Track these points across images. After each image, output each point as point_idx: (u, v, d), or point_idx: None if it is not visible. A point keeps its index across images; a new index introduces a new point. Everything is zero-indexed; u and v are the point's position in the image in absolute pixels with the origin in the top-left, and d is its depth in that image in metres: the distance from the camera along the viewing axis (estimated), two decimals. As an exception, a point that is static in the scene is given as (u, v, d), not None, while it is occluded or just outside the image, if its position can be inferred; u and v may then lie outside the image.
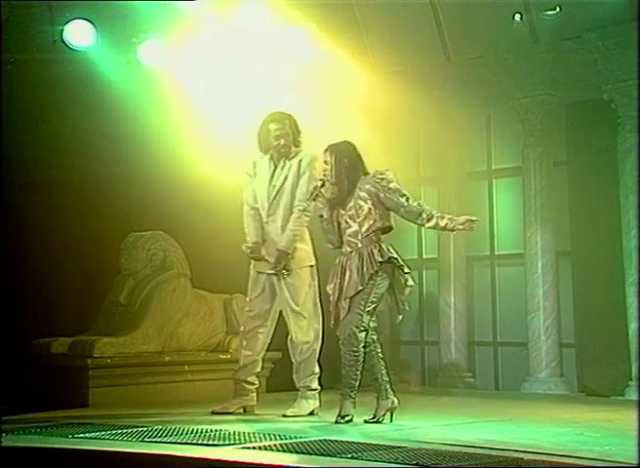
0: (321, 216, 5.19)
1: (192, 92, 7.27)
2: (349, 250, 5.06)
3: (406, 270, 5.07)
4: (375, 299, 5.00)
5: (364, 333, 4.97)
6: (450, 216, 5.08)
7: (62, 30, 6.80)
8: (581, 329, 7.43)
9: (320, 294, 5.66)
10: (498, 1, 7.21)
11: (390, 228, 5.13)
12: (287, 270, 5.54)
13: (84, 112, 6.93)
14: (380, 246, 5.03)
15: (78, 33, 6.86)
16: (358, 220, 5.05)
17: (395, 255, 5.05)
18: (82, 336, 6.76)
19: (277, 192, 5.62)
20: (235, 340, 7.32)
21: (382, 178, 5.08)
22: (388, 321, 8.46)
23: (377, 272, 4.97)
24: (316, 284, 5.64)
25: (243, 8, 7.16)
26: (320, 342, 5.64)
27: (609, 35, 6.91)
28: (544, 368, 7.38)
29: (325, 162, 5.17)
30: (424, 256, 8.53)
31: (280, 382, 7.30)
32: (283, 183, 5.60)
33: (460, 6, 7.46)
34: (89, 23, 6.87)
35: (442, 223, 5.02)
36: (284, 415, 5.43)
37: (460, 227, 5.05)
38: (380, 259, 4.97)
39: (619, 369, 6.83)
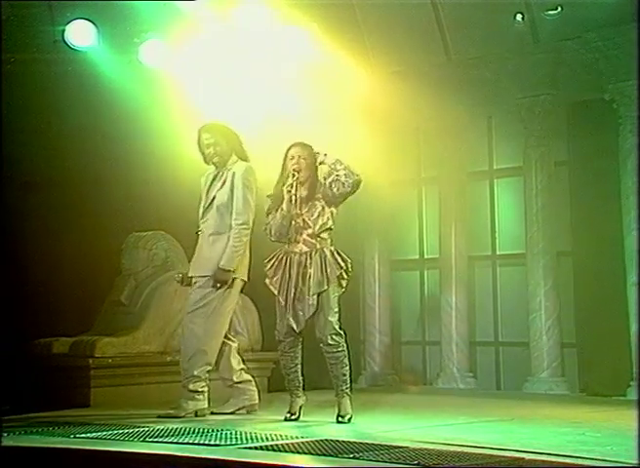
0: (282, 210, 5.18)
1: (193, 92, 7.27)
2: (306, 249, 5.13)
3: (349, 275, 5.20)
4: (338, 297, 5.16)
5: (341, 331, 5.11)
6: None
7: (64, 30, 6.81)
8: (583, 329, 7.43)
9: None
10: (499, 1, 7.21)
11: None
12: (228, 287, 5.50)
13: (85, 112, 6.93)
14: (337, 250, 5.17)
15: (79, 33, 6.86)
16: (312, 219, 5.16)
17: (349, 260, 5.19)
18: (83, 336, 6.76)
19: (210, 203, 5.66)
20: (236, 341, 7.32)
21: (331, 168, 5.15)
22: (389, 320, 8.49)
23: (340, 272, 5.12)
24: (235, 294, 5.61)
25: (244, 8, 7.16)
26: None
27: (610, 35, 6.91)
28: (546, 368, 7.37)
29: (299, 157, 5.20)
30: (426, 256, 8.53)
31: (282, 382, 7.30)
32: (217, 191, 5.63)
33: (461, 6, 7.46)
34: (90, 24, 6.88)
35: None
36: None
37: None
38: (343, 262, 5.11)
39: (620, 369, 6.82)
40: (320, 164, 5.20)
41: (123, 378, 6.49)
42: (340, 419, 5.09)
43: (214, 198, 5.64)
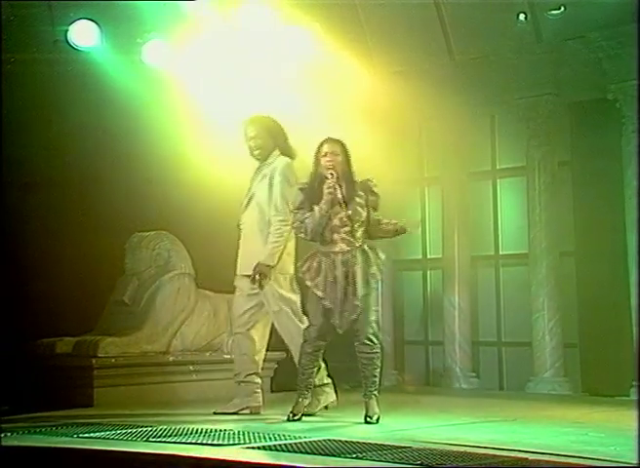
0: (322, 209, 5.03)
1: (196, 92, 7.27)
2: (347, 248, 5.02)
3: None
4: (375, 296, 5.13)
5: (379, 333, 5.09)
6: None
7: (67, 30, 6.81)
8: (586, 329, 7.42)
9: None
10: (501, 1, 7.21)
11: None
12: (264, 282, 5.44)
13: (86, 112, 6.94)
14: (373, 246, 5.11)
15: (82, 33, 6.87)
16: (355, 225, 5.05)
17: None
18: (86, 336, 6.76)
19: (250, 198, 5.59)
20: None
21: (375, 192, 5.11)
22: (392, 320, 8.49)
23: (382, 271, 5.08)
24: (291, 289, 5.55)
25: (246, 8, 7.16)
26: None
27: (613, 35, 6.90)
28: (549, 368, 7.37)
29: (333, 153, 5.07)
30: (429, 256, 8.52)
31: (284, 382, 7.30)
32: (257, 187, 5.57)
33: (464, 6, 7.45)
34: (93, 24, 6.88)
35: (389, 229, 5.14)
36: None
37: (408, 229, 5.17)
38: (384, 256, 5.07)
39: (623, 369, 6.81)
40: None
41: (126, 378, 6.50)
42: (367, 420, 5.01)
43: (254, 193, 5.57)
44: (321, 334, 5.08)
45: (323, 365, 5.55)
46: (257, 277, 5.43)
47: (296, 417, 5.14)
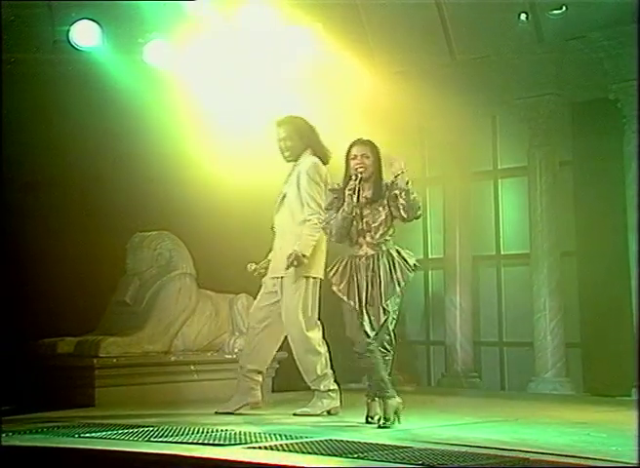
0: (343, 211, 4.93)
1: (198, 92, 7.28)
2: (372, 252, 4.93)
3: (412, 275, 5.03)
4: (399, 301, 4.99)
5: (393, 337, 4.95)
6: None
7: (68, 30, 6.82)
8: (587, 329, 7.42)
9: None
10: (503, 1, 7.21)
11: None
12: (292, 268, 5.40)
13: (87, 112, 6.95)
14: (400, 247, 4.98)
15: (84, 33, 6.87)
16: (374, 225, 4.95)
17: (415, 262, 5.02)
18: (88, 336, 6.77)
19: (282, 198, 5.57)
20: (240, 341, 7.33)
21: (404, 190, 4.92)
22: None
23: (409, 275, 4.94)
24: (314, 293, 5.51)
25: (247, 8, 7.16)
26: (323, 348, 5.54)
27: (614, 35, 6.90)
28: (550, 368, 7.37)
29: (363, 155, 4.97)
30: (430, 256, 8.52)
31: (286, 382, 7.31)
32: (288, 188, 5.54)
33: (466, 6, 7.45)
34: (94, 24, 6.89)
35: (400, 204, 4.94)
36: (294, 414, 5.42)
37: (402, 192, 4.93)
38: (413, 261, 4.96)
39: (624, 369, 6.81)
40: (395, 176, 4.95)
41: (127, 378, 6.50)
42: (369, 420, 4.96)
43: (285, 194, 5.55)
44: (357, 338, 4.95)
45: (331, 371, 5.55)
46: (294, 262, 5.37)
47: (372, 420, 4.97)
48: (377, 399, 4.98)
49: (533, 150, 7.62)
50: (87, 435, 4.64)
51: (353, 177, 4.92)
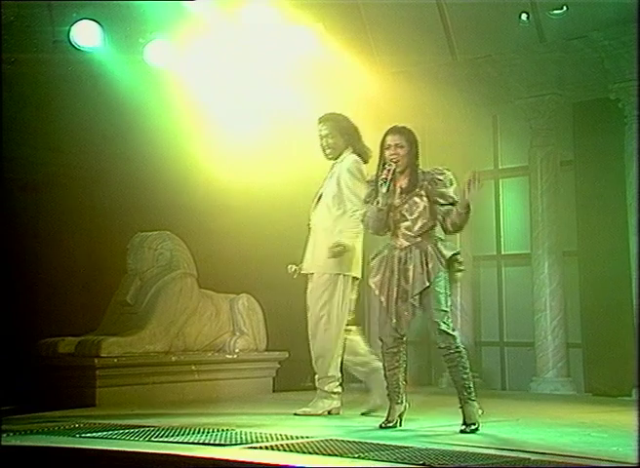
0: (377, 203, 4.77)
1: (198, 92, 7.28)
2: (407, 243, 4.72)
3: (462, 268, 4.77)
4: (449, 293, 4.71)
5: (457, 332, 4.71)
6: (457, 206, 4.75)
7: (68, 30, 6.82)
8: (588, 329, 7.41)
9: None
10: (504, 1, 7.20)
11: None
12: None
13: (89, 112, 6.95)
14: (441, 239, 4.75)
15: (85, 33, 6.88)
16: (411, 217, 4.74)
17: (459, 250, 4.81)
18: (89, 336, 6.77)
19: (320, 195, 5.52)
20: (241, 341, 7.33)
21: (440, 180, 4.75)
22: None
23: (443, 267, 4.67)
24: (342, 292, 5.45)
25: (249, 8, 7.16)
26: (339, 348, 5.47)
27: (615, 34, 6.90)
28: (551, 368, 7.36)
29: (396, 145, 4.78)
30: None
31: (286, 382, 7.31)
32: (327, 186, 5.49)
33: (467, 5, 7.45)
34: (95, 24, 6.89)
35: (456, 213, 4.72)
36: (295, 414, 5.41)
37: (467, 197, 4.68)
38: (449, 254, 4.68)
39: (626, 369, 6.80)
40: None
41: (128, 378, 6.50)
42: (463, 428, 4.65)
43: (322, 192, 5.50)
44: (386, 334, 4.82)
45: (340, 374, 5.51)
46: (336, 252, 5.32)
47: (389, 425, 4.83)
48: (394, 401, 4.88)
49: (534, 150, 7.62)
50: (87, 435, 4.64)
51: (386, 168, 4.75)
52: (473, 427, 4.68)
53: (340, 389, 5.53)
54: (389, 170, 4.72)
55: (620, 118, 7.06)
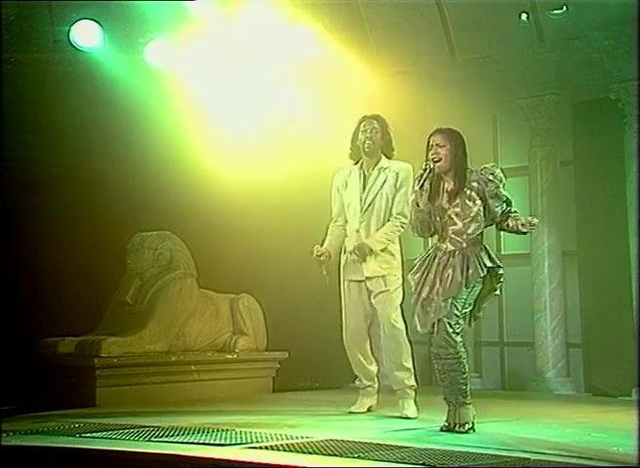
0: (417, 206, 4.75)
1: (199, 92, 7.28)
2: (452, 248, 4.68)
3: (502, 279, 4.74)
4: (471, 303, 4.70)
5: (460, 337, 4.67)
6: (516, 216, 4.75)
7: (68, 30, 6.83)
8: (588, 329, 7.41)
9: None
10: (504, 1, 7.20)
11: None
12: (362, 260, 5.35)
13: (89, 112, 6.95)
14: (486, 249, 4.72)
15: (85, 34, 6.88)
16: (465, 221, 4.68)
17: (500, 263, 4.74)
18: (89, 336, 6.77)
19: (372, 201, 5.48)
20: (241, 340, 7.33)
21: (491, 180, 4.70)
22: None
23: (481, 277, 4.64)
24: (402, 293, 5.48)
25: (249, 8, 7.16)
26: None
27: (615, 34, 6.90)
28: (551, 368, 7.36)
29: (437, 145, 4.73)
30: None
31: (286, 382, 7.31)
32: (378, 192, 5.47)
33: (466, 5, 7.45)
34: (95, 24, 6.89)
35: (511, 224, 4.73)
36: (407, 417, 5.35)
37: (522, 229, 4.71)
38: (490, 264, 4.66)
39: (626, 369, 6.80)
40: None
41: (128, 378, 6.51)
42: (457, 429, 4.66)
43: (375, 198, 5.47)
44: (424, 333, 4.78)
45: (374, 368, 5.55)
46: (356, 251, 5.34)
47: (466, 427, 4.70)
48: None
49: (534, 150, 7.62)
50: (87, 435, 4.64)
51: (422, 169, 4.73)
52: (468, 426, 4.69)
53: (376, 382, 5.59)
54: (425, 168, 4.70)
55: (619, 118, 7.06)
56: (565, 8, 6.96)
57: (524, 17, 7.15)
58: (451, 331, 4.65)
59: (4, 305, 6.31)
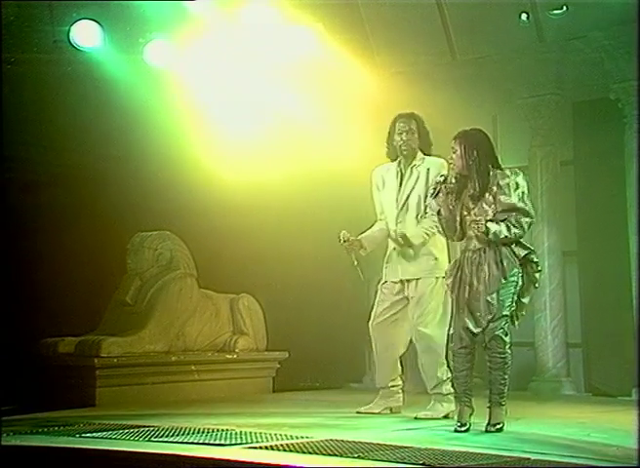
0: (439, 213, 4.82)
1: (199, 92, 7.28)
2: (480, 245, 4.70)
3: (539, 268, 4.77)
4: (515, 298, 4.70)
5: (508, 338, 4.73)
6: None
7: (68, 30, 6.82)
8: (588, 328, 7.41)
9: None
10: (504, 1, 7.20)
11: None
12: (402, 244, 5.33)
13: (89, 112, 6.96)
14: (517, 242, 4.72)
15: (85, 33, 6.88)
16: (486, 222, 4.69)
17: (532, 248, 4.75)
18: (89, 336, 6.77)
19: (406, 199, 5.47)
20: (241, 340, 7.34)
21: (501, 186, 4.70)
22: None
23: (517, 267, 4.65)
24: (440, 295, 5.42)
25: (249, 8, 7.16)
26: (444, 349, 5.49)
27: (615, 34, 6.89)
28: (551, 368, 7.36)
29: (451, 149, 4.82)
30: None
31: (286, 382, 7.31)
32: (412, 190, 5.46)
33: (466, 5, 7.45)
34: (95, 24, 6.89)
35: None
36: (416, 417, 5.31)
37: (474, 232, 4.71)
38: (524, 252, 4.67)
39: (626, 369, 6.80)
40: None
41: (128, 378, 6.51)
42: (488, 428, 4.71)
43: (410, 196, 5.46)
44: (459, 333, 4.83)
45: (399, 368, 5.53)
46: (399, 239, 5.32)
47: (463, 428, 4.77)
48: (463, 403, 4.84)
49: (534, 150, 7.61)
50: (87, 435, 4.64)
51: (440, 179, 4.83)
52: (499, 426, 4.73)
53: (401, 382, 5.58)
54: (438, 181, 4.80)
55: (619, 118, 7.06)
56: (565, 8, 6.95)
57: (524, 17, 7.15)
58: (501, 332, 4.71)
59: (4, 305, 6.31)
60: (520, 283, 4.70)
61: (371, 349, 5.46)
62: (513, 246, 4.69)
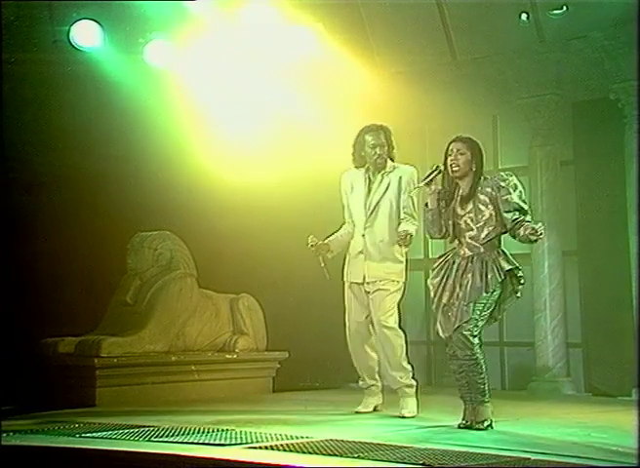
0: (426, 205, 4.91)
1: (199, 92, 7.28)
2: (469, 253, 4.82)
3: (522, 281, 4.85)
4: (491, 306, 4.79)
5: (477, 339, 4.79)
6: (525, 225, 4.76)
7: (68, 30, 6.83)
8: (588, 328, 7.41)
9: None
10: (504, 1, 7.20)
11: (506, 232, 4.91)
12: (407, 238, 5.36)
13: (90, 112, 6.97)
14: (504, 252, 4.84)
15: (85, 33, 6.88)
16: (477, 226, 4.82)
17: (518, 265, 4.83)
18: (89, 336, 6.78)
19: (375, 205, 5.53)
20: (241, 340, 7.34)
21: (503, 187, 4.79)
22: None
23: (501, 281, 4.74)
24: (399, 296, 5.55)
25: (249, 8, 7.17)
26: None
27: (615, 34, 6.89)
28: (551, 368, 7.36)
29: (458, 151, 4.86)
30: (430, 256, 8.51)
31: (286, 382, 7.31)
32: (382, 196, 5.52)
33: (466, 5, 7.45)
34: (95, 24, 6.90)
35: (522, 233, 4.76)
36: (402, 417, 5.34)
37: (531, 237, 4.72)
38: (508, 267, 4.77)
39: (626, 369, 6.81)
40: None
41: (128, 378, 6.51)
42: (476, 426, 4.76)
43: (380, 202, 5.52)
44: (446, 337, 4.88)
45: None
46: (407, 239, 5.34)
47: (485, 424, 4.78)
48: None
49: (534, 150, 7.61)
50: (88, 435, 4.64)
51: (431, 168, 4.87)
52: (487, 423, 4.77)
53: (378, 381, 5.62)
54: (433, 169, 4.86)
55: (619, 118, 7.06)
56: (565, 8, 6.96)
57: (524, 17, 7.15)
58: (468, 333, 4.75)
59: (4, 305, 6.31)
60: (500, 291, 4.79)
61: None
62: (501, 258, 4.79)
